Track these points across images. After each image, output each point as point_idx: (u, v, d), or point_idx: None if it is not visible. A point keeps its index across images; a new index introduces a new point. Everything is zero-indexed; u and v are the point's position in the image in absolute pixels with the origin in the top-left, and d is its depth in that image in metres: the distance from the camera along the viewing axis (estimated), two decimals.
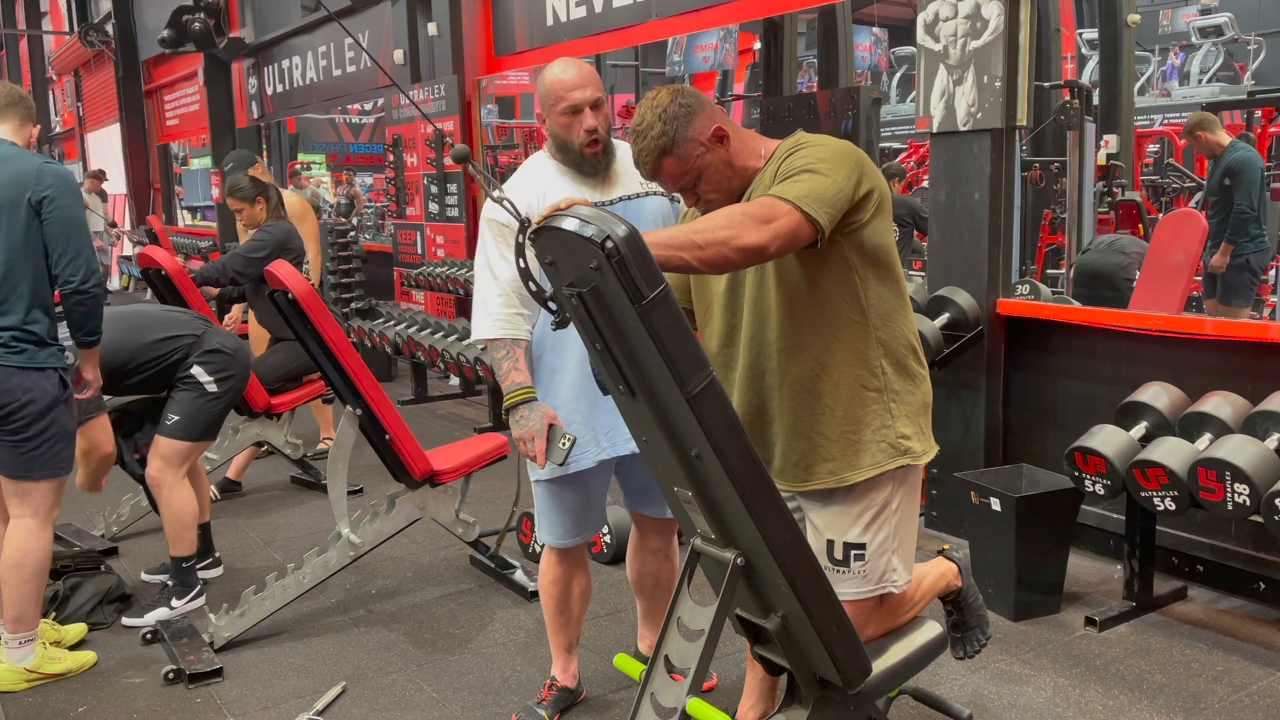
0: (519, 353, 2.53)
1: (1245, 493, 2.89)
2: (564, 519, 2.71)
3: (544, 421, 2.44)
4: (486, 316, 2.55)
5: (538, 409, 2.46)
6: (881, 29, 14.87)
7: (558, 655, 2.90)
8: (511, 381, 2.50)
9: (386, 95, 8.26)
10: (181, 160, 16.74)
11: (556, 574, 2.79)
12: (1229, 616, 3.38)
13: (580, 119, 2.46)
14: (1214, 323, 3.57)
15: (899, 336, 2.12)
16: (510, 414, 2.49)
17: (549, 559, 2.79)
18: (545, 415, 2.45)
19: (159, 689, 3.11)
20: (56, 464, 3.12)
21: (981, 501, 3.45)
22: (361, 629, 3.50)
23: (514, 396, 2.48)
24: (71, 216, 3.05)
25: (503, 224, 2.55)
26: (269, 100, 10.90)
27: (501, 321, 2.53)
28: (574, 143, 2.49)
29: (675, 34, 9.25)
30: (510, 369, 2.51)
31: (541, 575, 2.83)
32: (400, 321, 6.74)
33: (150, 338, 3.58)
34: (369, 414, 3.45)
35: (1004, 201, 3.94)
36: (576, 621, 2.86)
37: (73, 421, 3.18)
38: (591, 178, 2.55)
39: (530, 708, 2.87)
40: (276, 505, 4.95)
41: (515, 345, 2.53)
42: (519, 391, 2.48)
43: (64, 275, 3.02)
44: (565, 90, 2.45)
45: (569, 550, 2.77)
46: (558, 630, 2.86)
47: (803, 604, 1.96)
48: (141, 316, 3.68)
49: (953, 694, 2.89)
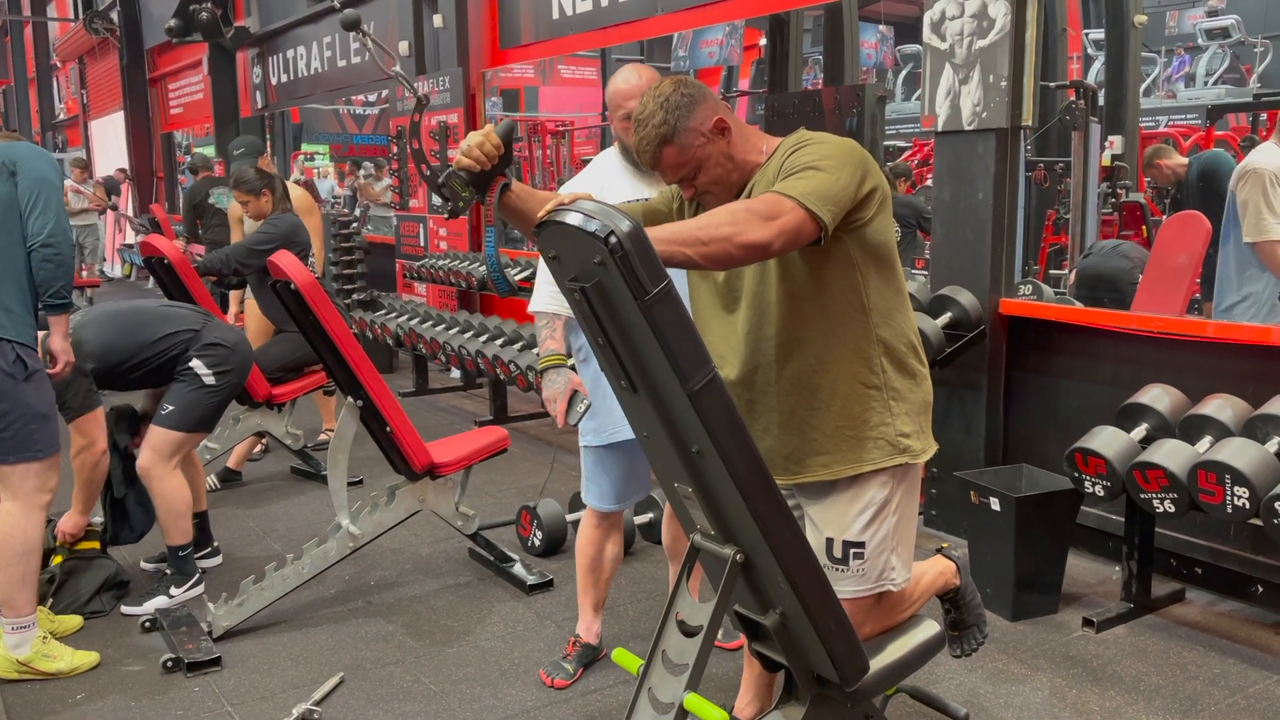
0: (558, 325, 2.83)
1: (1245, 496, 2.89)
2: (610, 484, 2.94)
3: (569, 387, 2.74)
4: (538, 292, 2.87)
5: (564, 374, 2.76)
6: (888, 26, 14.85)
7: (584, 613, 3.12)
8: (546, 349, 2.82)
9: (391, 86, 8.25)
10: (185, 149, 16.74)
11: (594, 535, 3.01)
12: (1226, 619, 3.38)
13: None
14: (1215, 325, 3.57)
15: (900, 334, 2.12)
16: (542, 376, 2.79)
17: (589, 520, 3.02)
18: (570, 381, 2.75)
19: (157, 677, 3.12)
20: (28, 446, 3.02)
21: (981, 501, 3.45)
22: (360, 620, 3.51)
23: (546, 361, 2.80)
24: (43, 176, 3.07)
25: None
26: (273, 90, 10.90)
27: (548, 298, 2.84)
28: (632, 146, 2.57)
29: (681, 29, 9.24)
30: (547, 338, 2.83)
31: (580, 535, 3.04)
32: (402, 314, 6.74)
33: (149, 335, 3.56)
34: (370, 405, 3.45)
35: (1008, 201, 3.93)
36: (605, 582, 3.09)
37: (43, 401, 3.07)
38: (650, 176, 2.73)
39: (556, 662, 3.08)
40: (276, 495, 4.95)
41: (556, 318, 2.84)
42: (551, 357, 2.79)
43: (32, 230, 3.01)
44: (624, 99, 2.65)
45: (609, 514, 2.99)
46: (587, 589, 3.08)
47: (801, 601, 1.96)
48: (139, 314, 3.66)
49: (950, 693, 2.90)
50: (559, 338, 2.83)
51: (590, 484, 2.97)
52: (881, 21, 14.23)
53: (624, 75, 2.70)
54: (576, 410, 2.73)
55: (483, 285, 6.44)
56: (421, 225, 7.92)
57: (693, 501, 2.01)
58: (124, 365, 3.53)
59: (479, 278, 6.43)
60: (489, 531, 3.95)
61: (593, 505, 2.98)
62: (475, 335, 5.85)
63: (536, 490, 4.76)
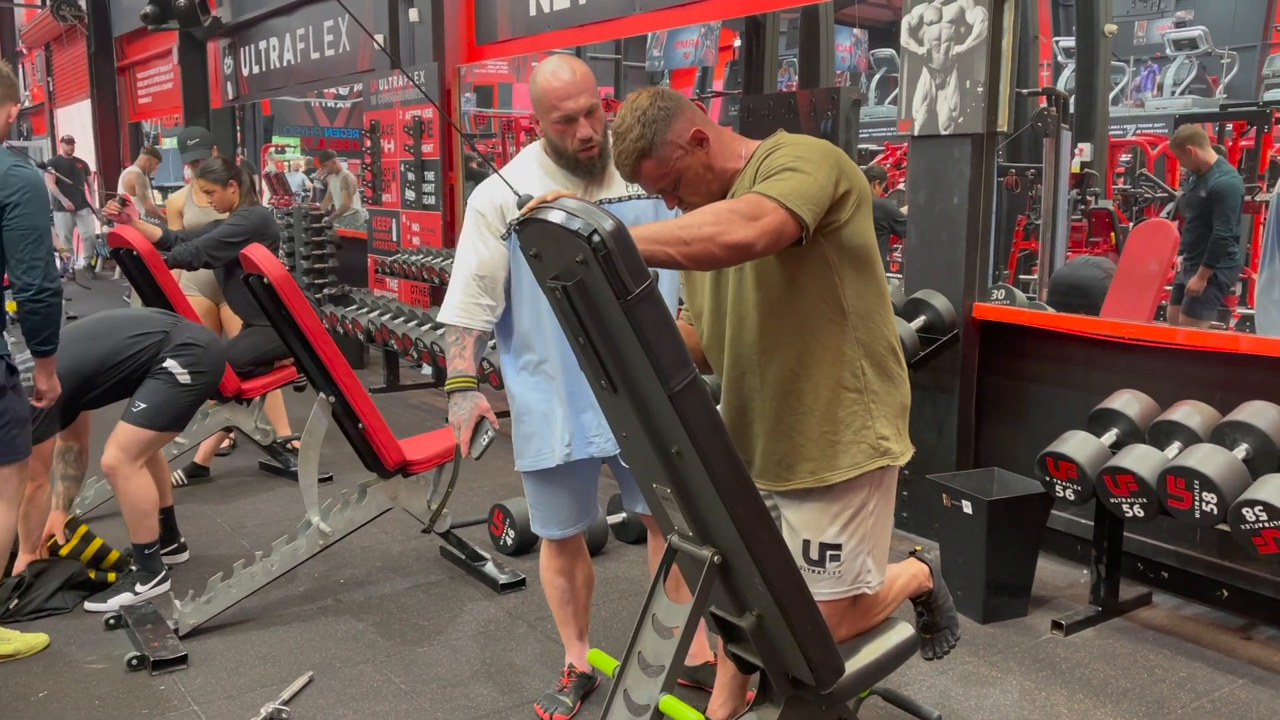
0: (468, 341, 2.60)
1: (1213, 502, 2.92)
2: (558, 509, 2.73)
3: (475, 413, 2.56)
4: (449, 301, 2.63)
5: (471, 398, 2.59)
6: (862, 30, 14.90)
7: (570, 644, 2.92)
8: (454, 368, 2.60)
9: (365, 80, 8.18)
10: (153, 139, 16.52)
11: (559, 565, 2.81)
12: (1192, 623, 3.42)
13: (574, 128, 2.43)
14: (1185, 333, 3.62)
15: (879, 337, 2.12)
16: (449, 398, 2.61)
17: (548, 551, 2.82)
18: (478, 407, 2.57)
19: (122, 675, 3.07)
20: (13, 450, 3.09)
21: (953, 504, 3.47)
22: (329, 618, 3.47)
23: (453, 383, 2.60)
24: (33, 225, 2.99)
25: (481, 212, 2.57)
26: (245, 81, 10.78)
27: (458, 310, 2.60)
28: (569, 148, 2.48)
29: (658, 28, 9.23)
30: (456, 355, 2.61)
31: (543, 569, 2.85)
32: (373, 309, 6.69)
33: (116, 339, 3.51)
34: (342, 402, 3.42)
35: (983, 207, 3.96)
36: (584, 609, 2.90)
37: (25, 407, 3.12)
38: (581, 179, 2.55)
39: (552, 696, 2.87)
40: (244, 491, 4.90)
41: (466, 334, 2.60)
42: (458, 379, 2.59)
43: (20, 282, 2.97)
44: (558, 100, 2.41)
45: (567, 541, 2.78)
46: (568, 620, 2.89)
47: (779, 603, 1.96)
48: (103, 323, 3.61)
49: (920, 695, 2.91)
50: (468, 356, 2.59)
51: (535, 512, 2.76)
52: (856, 25, 14.29)
53: (552, 71, 2.42)
54: (480, 443, 2.55)
55: None
56: (394, 220, 7.86)
57: (671, 502, 2.00)
58: (93, 379, 3.47)
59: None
60: (461, 530, 3.93)
61: (545, 536, 2.78)
62: None
63: (508, 489, 4.74)
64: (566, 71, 2.42)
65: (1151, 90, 14.19)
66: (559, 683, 2.91)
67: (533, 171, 2.56)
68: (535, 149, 2.62)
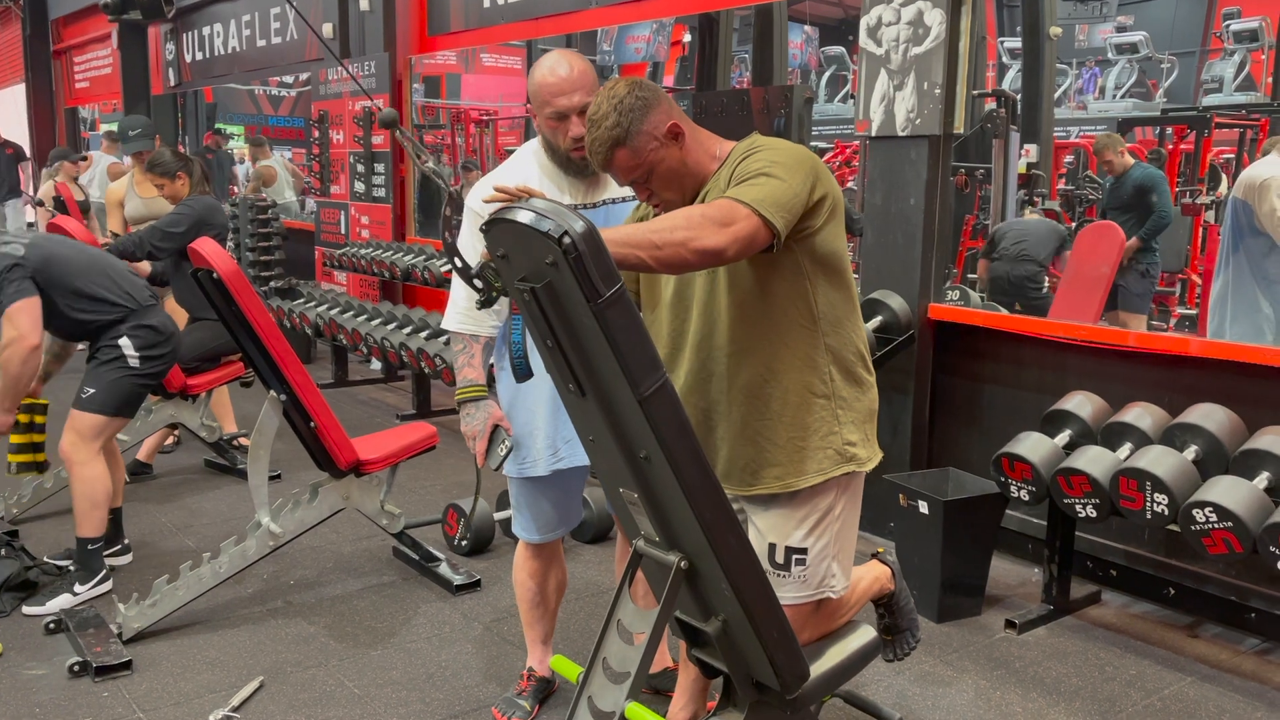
0: (476, 349, 2.55)
1: (1164, 503, 2.97)
2: (540, 514, 2.69)
3: (489, 422, 2.52)
4: (452, 308, 2.57)
5: (484, 408, 2.53)
6: (813, 27, 14.97)
7: (534, 647, 2.87)
8: (464, 377, 2.55)
9: (314, 69, 8.04)
10: (91, 125, 16.09)
11: (533, 568, 2.76)
12: (1141, 621, 3.48)
13: (567, 125, 2.37)
14: (1137, 335, 3.67)
15: (848, 343, 2.12)
16: (460, 408, 2.56)
17: (524, 553, 2.76)
18: (491, 416, 2.53)
19: (64, 682, 2.98)
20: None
21: (910, 504, 3.49)
22: (280, 621, 3.40)
23: (464, 393, 2.55)
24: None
25: (478, 213, 2.45)
26: (187, 68, 10.54)
27: (462, 316, 2.55)
28: (560, 146, 2.43)
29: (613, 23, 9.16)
30: (465, 364, 2.55)
31: (518, 569, 2.79)
32: (322, 303, 6.58)
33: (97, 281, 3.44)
34: (294, 400, 3.34)
35: (939, 208, 3.99)
36: (552, 614, 2.85)
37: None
38: (578, 179, 2.50)
39: (510, 699, 2.82)
40: (190, 490, 4.79)
41: (474, 341, 2.55)
42: (469, 389, 2.54)
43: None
44: (552, 95, 2.35)
45: (545, 545, 2.74)
46: (534, 623, 2.84)
47: (745, 609, 1.94)
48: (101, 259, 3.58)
49: (878, 695, 2.92)
50: (477, 364, 2.54)
51: (518, 515, 2.72)
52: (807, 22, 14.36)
53: (550, 67, 2.36)
54: (497, 453, 2.51)
55: (406, 276, 6.31)
56: (343, 213, 7.74)
57: (637, 507, 1.98)
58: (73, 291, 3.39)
59: (403, 268, 6.29)
60: (414, 530, 3.86)
61: (524, 538, 2.74)
62: (399, 327, 5.73)
63: (463, 488, 4.69)
64: (564, 67, 2.35)
65: (1094, 93, 14.47)
66: (518, 686, 2.87)
67: (530, 169, 2.50)
68: (535, 145, 2.55)
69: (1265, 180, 4.08)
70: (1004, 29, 12.58)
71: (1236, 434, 3.14)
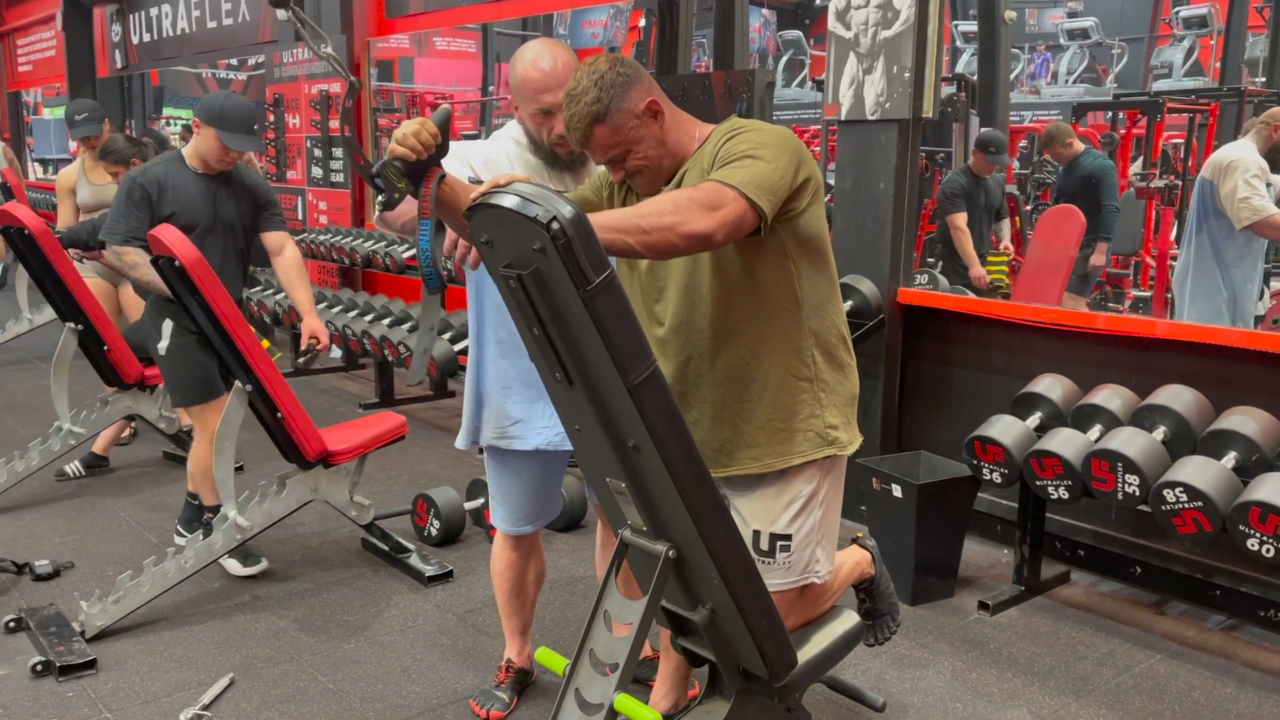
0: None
1: (1135, 483, 3.00)
2: (523, 502, 2.63)
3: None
4: None
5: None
6: (770, 11, 14.98)
7: (512, 638, 2.84)
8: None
9: (268, 51, 7.87)
10: (33, 109, 15.67)
11: (511, 559, 2.72)
12: (1109, 600, 3.52)
13: (551, 121, 2.31)
14: (1105, 318, 3.71)
15: (830, 326, 2.11)
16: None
17: (502, 544, 2.72)
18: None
19: (26, 682, 2.90)
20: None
21: (883, 488, 3.50)
22: (248, 616, 3.33)
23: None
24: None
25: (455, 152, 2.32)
26: (134, 50, 10.28)
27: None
28: (544, 141, 2.37)
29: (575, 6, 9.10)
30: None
31: (496, 559, 2.75)
32: (280, 290, 6.45)
33: None
34: (260, 390, 3.27)
35: (908, 192, 3.99)
36: (531, 605, 2.82)
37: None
38: (562, 172, 2.43)
39: (488, 691, 2.80)
40: (149, 483, 4.68)
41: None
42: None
43: None
44: (536, 92, 2.29)
45: (524, 537, 2.70)
46: (513, 614, 2.81)
47: (734, 597, 1.93)
48: None
49: (855, 678, 2.93)
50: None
51: (497, 503, 2.66)
52: (765, 5, 14.35)
53: (532, 59, 2.29)
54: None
55: (367, 262, 6.22)
56: (300, 198, 7.60)
57: (624, 497, 1.95)
58: None
59: (363, 254, 6.20)
60: (384, 521, 3.81)
61: (503, 529, 2.67)
62: (360, 314, 5.65)
63: (431, 477, 4.64)
64: (547, 60, 2.28)
65: (1045, 78, 14.62)
66: (495, 678, 2.84)
67: (511, 157, 2.41)
68: (513, 129, 2.45)
69: (1233, 161, 4.13)
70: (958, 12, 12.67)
71: (1204, 414, 3.18)
